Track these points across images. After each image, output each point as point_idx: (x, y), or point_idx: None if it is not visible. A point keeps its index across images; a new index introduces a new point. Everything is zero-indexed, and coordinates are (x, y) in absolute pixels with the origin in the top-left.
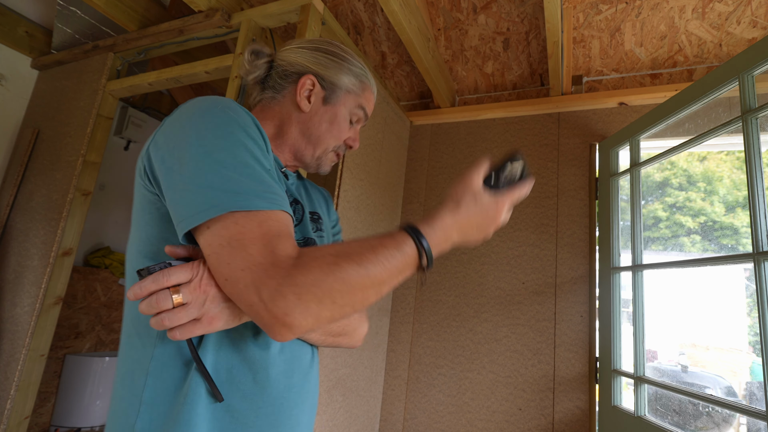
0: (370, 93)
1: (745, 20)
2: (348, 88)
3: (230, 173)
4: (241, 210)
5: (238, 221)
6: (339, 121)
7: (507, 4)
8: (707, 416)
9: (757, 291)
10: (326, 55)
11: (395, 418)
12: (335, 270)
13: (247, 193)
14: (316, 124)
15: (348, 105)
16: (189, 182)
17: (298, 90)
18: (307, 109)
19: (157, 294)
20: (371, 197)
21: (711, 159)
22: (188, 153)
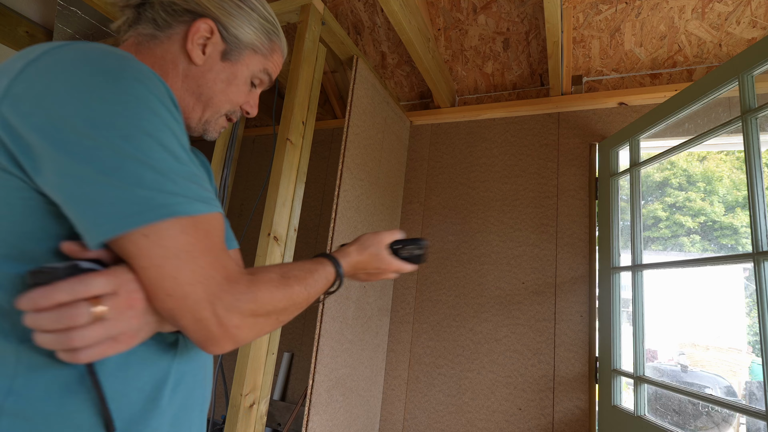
0: (279, 55)
1: (745, 20)
2: (254, 46)
3: (162, 167)
4: (185, 216)
5: (185, 229)
6: (238, 82)
7: (507, 4)
8: (707, 416)
9: (757, 291)
10: (236, 7)
11: (395, 418)
12: (287, 291)
13: (186, 194)
14: (209, 82)
15: (251, 66)
16: (109, 174)
17: (190, 35)
18: (199, 62)
19: (71, 306)
20: (371, 197)
21: (711, 159)
22: (99, 134)
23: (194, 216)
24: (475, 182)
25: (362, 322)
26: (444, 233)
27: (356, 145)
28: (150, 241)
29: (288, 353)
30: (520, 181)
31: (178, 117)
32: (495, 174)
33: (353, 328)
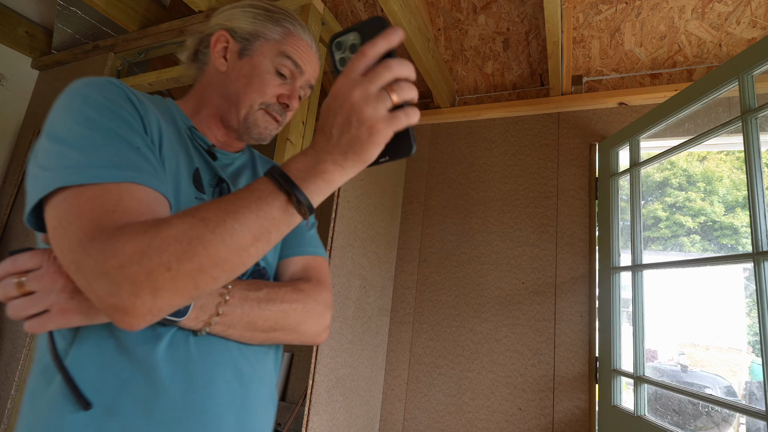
0: (296, 38)
1: (745, 20)
2: (264, 35)
3: (66, 149)
4: (73, 185)
5: (66, 198)
6: (259, 72)
7: (507, 4)
8: (707, 416)
9: (757, 291)
10: (239, 8)
11: (395, 418)
12: (160, 227)
13: (81, 165)
14: (233, 81)
15: (268, 54)
16: (32, 168)
17: (212, 51)
18: (224, 68)
19: (3, 280)
20: (371, 197)
21: (711, 159)
22: (40, 139)
23: (86, 185)
24: (475, 182)
25: (362, 322)
26: (444, 233)
27: None
28: (47, 214)
29: (288, 353)
30: (520, 181)
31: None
32: (495, 174)
33: (353, 328)
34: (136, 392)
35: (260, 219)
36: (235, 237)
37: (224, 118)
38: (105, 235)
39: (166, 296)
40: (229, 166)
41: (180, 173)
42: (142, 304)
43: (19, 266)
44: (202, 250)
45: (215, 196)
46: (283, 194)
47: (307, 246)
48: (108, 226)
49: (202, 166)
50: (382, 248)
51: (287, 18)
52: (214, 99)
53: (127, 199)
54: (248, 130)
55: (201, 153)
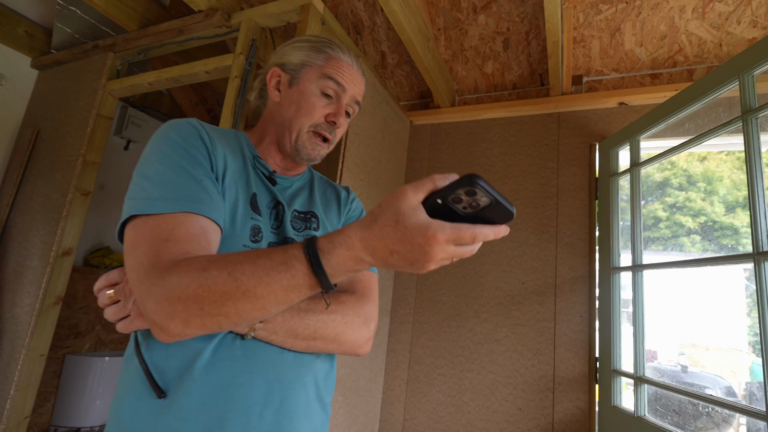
0: (337, 60)
1: (745, 20)
2: (308, 63)
3: (145, 183)
4: (141, 214)
5: (136, 225)
6: (307, 96)
7: (507, 4)
8: (707, 416)
9: (757, 291)
10: (288, 45)
11: (395, 418)
12: (201, 275)
13: (150, 197)
14: (285, 108)
15: (313, 79)
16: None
17: (268, 85)
18: (278, 99)
19: (101, 291)
20: (371, 197)
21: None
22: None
23: (150, 215)
24: None
25: None
26: None
27: (356, 144)
28: (125, 236)
29: None
30: (520, 181)
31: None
32: (495, 174)
33: None
34: (186, 383)
35: (287, 291)
36: (261, 301)
37: (280, 143)
38: (161, 266)
39: (194, 327)
40: (287, 189)
41: (239, 199)
42: (175, 327)
43: (110, 280)
44: (231, 305)
45: (271, 217)
46: (314, 278)
47: None
48: (163, 254)
49: (261, 191)
50: None
51: (328, 44)
52: (272, 128)
53: (178, 228)
54: (298, 152)
55: (262, 179)
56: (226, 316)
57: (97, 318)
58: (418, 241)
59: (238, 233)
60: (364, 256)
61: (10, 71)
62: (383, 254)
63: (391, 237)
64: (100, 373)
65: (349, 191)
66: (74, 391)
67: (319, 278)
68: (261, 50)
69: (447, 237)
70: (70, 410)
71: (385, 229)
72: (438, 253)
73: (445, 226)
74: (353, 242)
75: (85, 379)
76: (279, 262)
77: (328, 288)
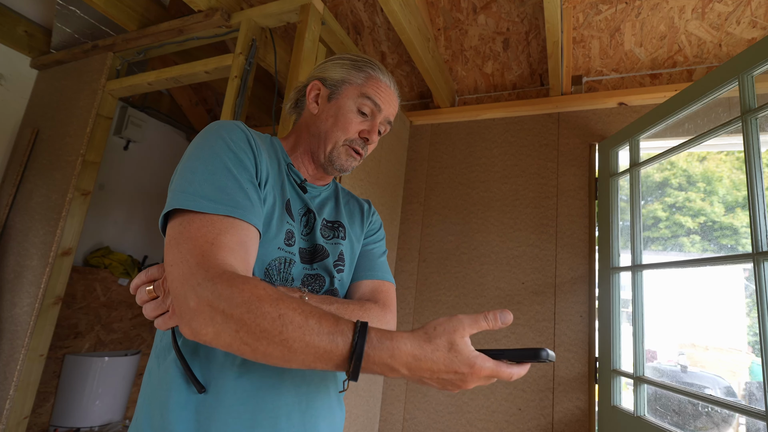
0: (376, 81)
1: (745, 20)
2: (349, 81)
3: (193, 178)
4: (188, 210)
5: (183, 222)
6: (344, 112)
7: (507, 4)
8: (707, 416)
9: (757, 291)
10: (330, 61)
11: (395, 418)
12: (254, 303)
13: (196, 194)
14: (323, 121)
15: (351, 96)
16: (170, 185)
17: (307, 97)
18: (315, 111)
19: (140, 288)
20: (371, 197)
21: (711, 159)
22: (179, 165)
23: (198, 213)
24: (474, 182)
25: None
26: (444, 233)
27: None
28: (168, 229)
29: None
30: (520, 181)
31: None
32: (495, 174)
33: None
34: (217, 382)
35: (317, 358)
36: (291, 355)
37: (314, 153)
38: (211, 270)
39: (219, 342)
40: (316, 197)
41: (276, 204)
42: (206, 334)
43: (149, 276)
44: (264, 344)
45: (302, 223)
46: (346, 363)
47: (377, 271)
48: (209, 257)
49: (294, 198)
50: None
51: (369, 64)
52: (307, 138)
53: (224, 234)
54: (332, 163)
55: (294, 186)
56: (253, 350)
57: (96, 318)
58: (462, 370)
59: (274, 236)
60: (400, 364)
61: (10, 71)
62: (423, 374)
63: (440, 362)
64: (99, 373)
65: (370, 205)
66: (74, 392)
67: (350, 363)
68: (261, 50)
69: (488, 373)
70: (69, 410)
71: (436, 353)
72: (474, 383)
73: (489, 363)
74: (402, 350)
75: (85, 380)
76: (327, 332)
77: (353, 377)
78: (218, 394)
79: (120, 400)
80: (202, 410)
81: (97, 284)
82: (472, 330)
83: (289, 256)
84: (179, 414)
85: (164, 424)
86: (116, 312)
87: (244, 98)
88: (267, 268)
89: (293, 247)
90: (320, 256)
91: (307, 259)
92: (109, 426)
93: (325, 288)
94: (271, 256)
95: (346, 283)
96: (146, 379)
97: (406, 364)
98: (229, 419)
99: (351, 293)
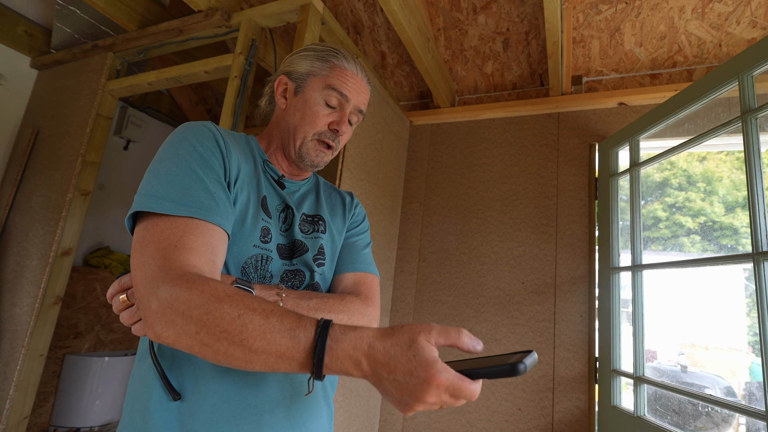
0: (341, 70)
1: (745, 20)
2: (314, 73)
3: (156, 180)
4: (152, 212)
5: (147, 225)
6: (310, 105)
7: (507, 4)
8: (706, 416)
9: (757, 291)
10: (296, 54)
11: (395, 418)
12: (213, 303)
13: (159, 196)
14: (291, 115)
15: (317, 89)
16: (137, 193)
17: (275, 92)
18: (284, 106)
19: (114, 297)
20: (371, 197)
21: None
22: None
23: (162, 216)
24: (474, 182)
25: None
26: (444, 233)
27: (356, 145)
28: (135, 232)
29: None
30: (520, 181)
31: (206, 150)
32: (495, 174)
33: None
34: (201, 385)
35: (278, 359)
36: (252, 355)
37: (285, 149)
38: (172, 272)
39: (181, 344)
40: (295, 193)
41: (250, 202)
42: (167, 337)
43: (122, 285)
44: (224, 345)
45: (280, 220)
46: (309, 359)
47: (360, 263)
48: (172, 260)
49: (270, 194)
50: (382, 248)
51: (332, 53)
52: (278, 134)
53: (187, 235)
54: (302, 159)
55: (271, 183)
56: (215, 351)
57: (96, 318)
58: (418, 374)
59: (249, 233)
60: (363, 362)
61: (10, 71)
62: (382, 369)
63: (397, 358)
64: (99, 373)
65: (353, 197)
66: (74, 391)
67: (314, 359)
68: (261, 50)
69: (447, 383)
70: (69, 410)
71: (396, 348)
72: (432, 395)
73: (450, 373)
74: (362, 344)
75: (85, 379)
76: (287, 328)
77: (317, 375)
78: (201, 393)
79: (120, 400)
80: (184, 410)
81: (97, 284)
82: (440, 338)
83: (266, 252)
84: (161, 415)
85: (146, 427)
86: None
87: (244, 98)
88: (243, 266)
89: (270, 244)
90: (299, 251)
91: (286, 255)
92: (109, 426)
93: (305, 283)
94: (246, 254)
95: (328, 277)
96: (130, 382)
97: (367, 356)
98: (213, 417)
99: (333, 287)
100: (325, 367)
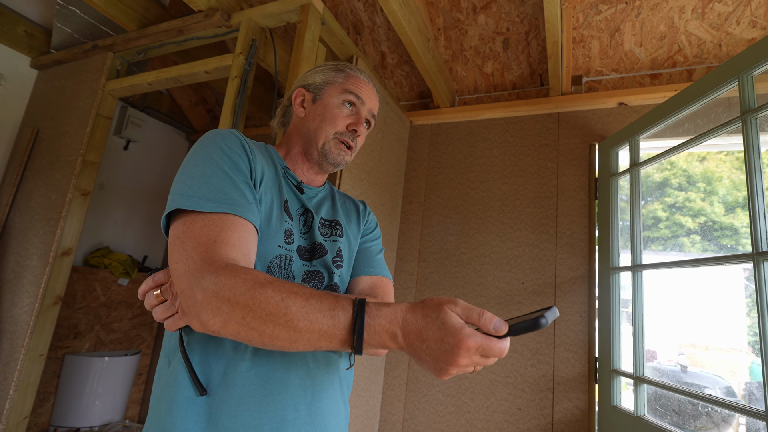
0: (355, 78)
1: (745, 20)
2: (330, 81)
3: (191, 181)
4: (189, 210)
5: (185, 222)
6: (330, 108)
7: (507, 4)
8: (706, 416)
9: (757, 291)
10: (311, 71)
11: (395, 418)
12: (257, 289)
13: (195, 195)
14: (311, 120)
15: (335, 94)
16: (170, 194)
17: (294, 104)
18: (303, 114)
19: (148, 293)
20: (371, 197)
21: (711, 159)
22: (177, 174)
23: (199, 213)
24: (474, 182)
25: None
26: (444, 233)
27: None
28: (171, 230)
29: None
30: (520, 181)
31: (234, 153)
32: (495, 174)
33: None
34: (228, 381)
35: (321, 337)
36: (297, 335)
37: (307, 152)
38: (214, 264)
39: (228, 331)
40: (313, 198)
41: (274, 204)
42: (213, 324)
43: (156, 281)
44: (271, 327)
45: (300, 221)
46: (350, 336)
47: (375, 267)
48: (213, 253)
49: (291, 198)
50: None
51: (347, 66)
52: (298, 140)
53: (225, 231)
54: (326, 157)
55: (291, 188)
56: (260, 334)
57: (96, 318)
58: (449, 340)
59: (274, 234)
60: (399, 334)
61: (10, 71)
62: (415, 339)
63: (428, 328)
64: (99, 373)
65: (365, 205)
66: (74, 391)
67: (353, 336)
68: (261, 50)
69: (476, 345)
70: (69, 410)
71: (426, 319)
72: (463, 357)
73: (477, 335)
74: (396, 317)
75: (85, 379)
76: (328, 308)
77: (358, 350)
78: (228, 388)
79: (120, 400)
80: (211, 404)
81: (97, 284)
82: (464, 314)
83: (289, 253)
84: (189, 409)
85: (172, 420)
86: (116, 312)
87: (244, 98)
88: (269, 265)
89: (292, 245)
90: (319, 253)
91: (306, 256)
92: (109, 426)
93: (324, 284)
94: (272, 253)
95: (345, 279)
96: (156, 379)
97: (402, 328)
98: (238, 411)
99: (350, 289)
100: (365, 342)
